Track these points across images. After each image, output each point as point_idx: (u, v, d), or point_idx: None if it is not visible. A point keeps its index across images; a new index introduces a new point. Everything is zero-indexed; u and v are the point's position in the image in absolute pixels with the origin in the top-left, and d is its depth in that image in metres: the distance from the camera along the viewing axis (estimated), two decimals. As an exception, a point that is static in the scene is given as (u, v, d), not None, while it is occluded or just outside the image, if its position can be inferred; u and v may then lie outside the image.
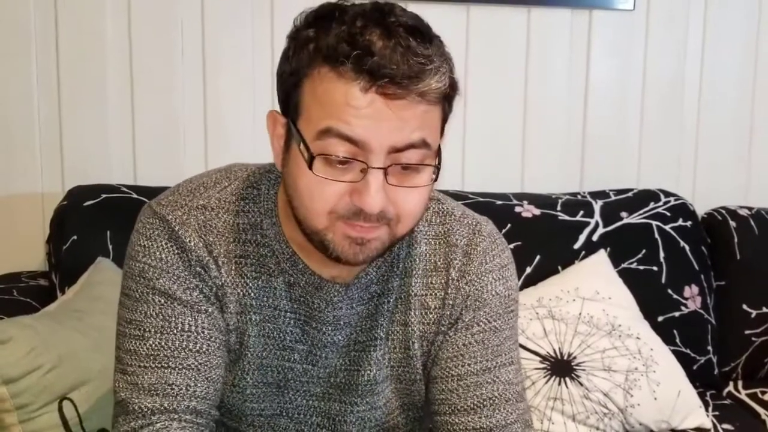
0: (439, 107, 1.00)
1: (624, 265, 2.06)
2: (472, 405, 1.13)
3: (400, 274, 1.15)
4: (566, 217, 2.10)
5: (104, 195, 1.97)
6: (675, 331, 2.06)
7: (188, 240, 1.08)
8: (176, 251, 1.08)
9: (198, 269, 1.08)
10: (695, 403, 1.89)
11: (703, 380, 2.07)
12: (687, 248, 2.11)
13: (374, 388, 1.17)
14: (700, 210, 2.26)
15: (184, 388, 1.07)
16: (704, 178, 2.39)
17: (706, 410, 1.93)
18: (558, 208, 2.12)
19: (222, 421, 1.20)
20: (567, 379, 1.83)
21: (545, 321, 1.89)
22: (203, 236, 1.09)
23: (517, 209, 2.10)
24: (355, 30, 0.94)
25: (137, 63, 2.13)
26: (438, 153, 1.01)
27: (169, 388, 1.06)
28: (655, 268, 2.08)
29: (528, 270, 2.04)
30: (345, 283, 1.12)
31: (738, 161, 2.40)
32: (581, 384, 1.82)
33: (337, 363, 1.16)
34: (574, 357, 1.85)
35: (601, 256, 2.05)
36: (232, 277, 1.10)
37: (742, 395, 2.08)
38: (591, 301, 1.92)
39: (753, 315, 2.13)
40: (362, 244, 1.01)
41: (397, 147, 0.96)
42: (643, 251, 2.09)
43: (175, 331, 1.07)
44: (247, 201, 1.12)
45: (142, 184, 2.07)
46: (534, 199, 2.14)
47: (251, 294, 1.11)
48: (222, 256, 1.09)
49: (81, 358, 1.51)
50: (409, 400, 1.21)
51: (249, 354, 1.13)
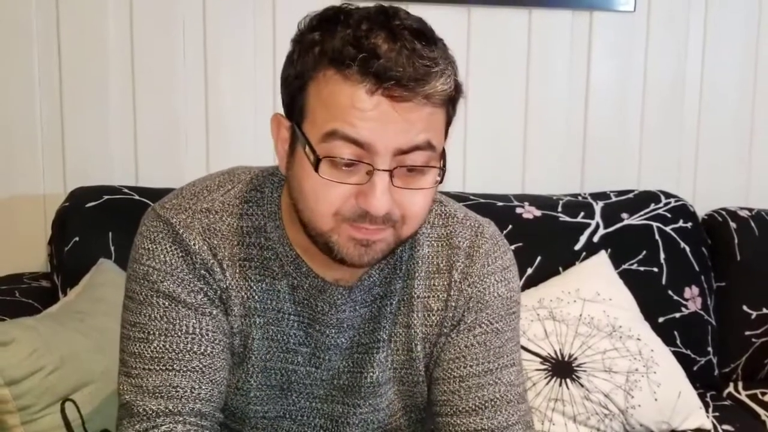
0: (444, 110, 1.00)
1: (624, 266, 2.07)
2: (474, 406, 1.13)
3: (403, 276, 1.15)
4: (567, 219, 2.10)
5: (106, 196, 1.97)
6: (675, 332, 2.06)
7: (192, 243, 1.08)
8: (180, 254, 1.08)
9: (202, 272, 1.08)
10: (695, 404, 1.89)
11: (704, 381, 2.07)
12: (687, 249, 2.11)
13: (377, 390, 1.17)
14: (701, 211, 2.26)
15: (189, 391, 1.06)
16: (705, 180, 2.39)
17: (707, 411, 1.93)
18: (559, 210, 2.12)
19: (225, 424, 1.19)
20: (568, 380, 1.83)
21: (546, 322, 1.89)
22: (207, 239, 1.09)
23: (518, 210, 2.10)
24: (361, 33, 0.95)
25: (139, 64, 2.13)
26: (443, 155, 1.02)
27: (174, 391, 1.06)
28: (656, 270, 2.08)
29: (529, 271, 2.04)
30: (348, 286, 1.12)
31: (738, 162, 2.40)
32: (582, 385, 1.82)
33: (340, 365, 1.16)
34: (575, 358, 1.85)
35: (602, 258, 2.05)
36: (236, 280, 1.10)
37: (743, 396, 2.08)
38: (592, 303, 1.92)
39: (753, 316, 2.13)
40: (367, 246, 1.00)
41: (403, 149, 0.96)
42: (644, 252, 2.09)
43: (180, 334, 1.07)
44: (251, 204, 1.11)
45: (144, 186, 2.08)
46: (535, 201, 2.14)
47: (255, 297, 1.11)
48: (226, 259, 1.09)
49: (83, 360, 1.51)
50: (412, 402, 1.21)
51: (253, 357, 1.13)
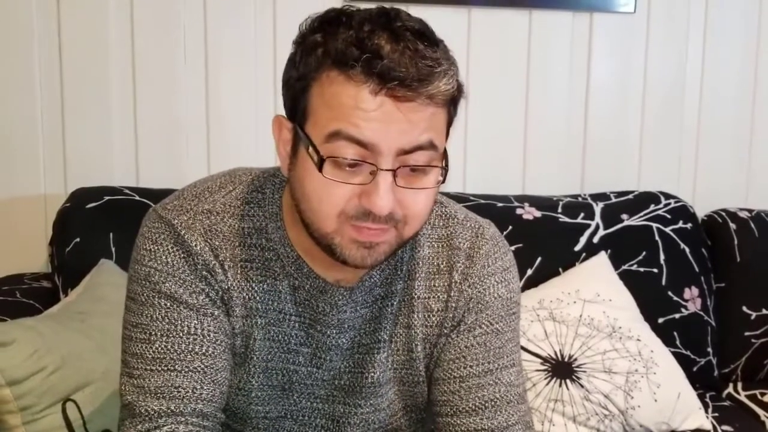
0: (446, 110, 1.01)
1: (624, 267, 2.07)
2: (474, 406, 1.13)
3: (404, 277, 1.15)
4: (567, 219, 2.11)
5: (107, 197, 1.98)
6: (675, 333, 2.06)
7: (194, 244, 1.08)
8: (182, 255, 1.08)
9: (204, 273, 1.09)
10: (695, 405, 1.89)
11: (703, 382, 2.07)
12: (687, 250, 2.12)
13: (378, 391, 1.18)
14: (701, 212, 2.27)
15: (191, 391, 1.07)
16: (705, 180, 2.39)
17: (706, 412, 1.93)
18: (559, 210, 2.12)
19: (227, 424, 1.20)
20: (568, 381, 1.83)
21: (546, 323, 1.89)
22: (209, 240, 1.09)
23: (518, 211, 2.10)
24: (363, 34, 0.95)
25: (140, 65, 2.14)
26: (444, 155, 1.02)
27: (176, 391, 1.06)
28: (656, 270, 2.08)
29: (529, 272, 2.04)
30: (349, 287, 1.12)
31: (738, 163, 2.40)
32: (582, 386, 1.82)
33: (342, 366, 1.16)
34: (575, 359, 1.85)
35: (602, 258, 2.05)
36: (238, 281, 1.10)
37: (742, 397, 2.08)
38: (591, 303, 1.93)
39: (753, 317, 2.13)
40: (370, 248, 1.01)
41: (406, 149, 0.97)
42: (644, 253, 2.09)
43: (181, 334, 1.07)
44: (252, 205, 1.12)
45: (145, 186, 2.08)
46: (535, 201, 2.15)
47: (257, 297, 1.11)
48: (228, 260, 1.10)
49: (84, 360, 1.51)
50: (412, 402, 1.21)
51: (254, 357, 1.14)
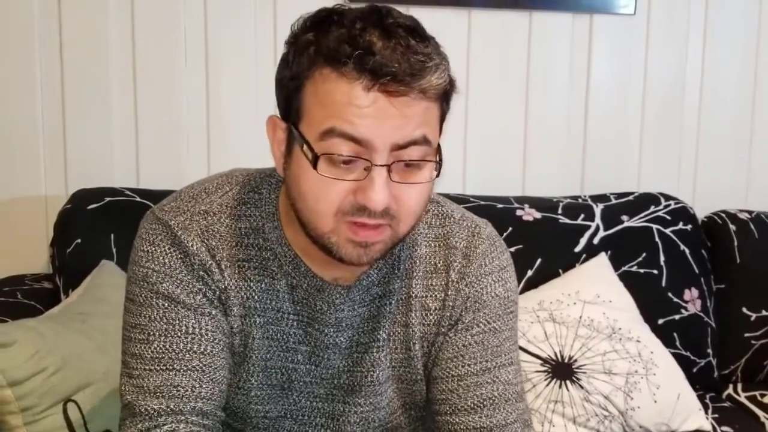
0: (438, 105, 1.01)
1: (624, 269, 2.07)
2: (473, 405, 1.14)
3: (401, 276, 1.16)
4: (567, 221, 2.11)
5: (107, 198, 1.98)
6: (675, 334, 2.06)
7: (191, 245, 1.09)
8: (179, 256, 1.09)
9: (201, 273, 1.09)
10: (695, 406, 1.89)
11: (703, 383, 2.08)
12: (687, 251, 2.12)
13: (377, 389, 1.18)
14: (700, 212, 2.27)
15: (190, 390, 1.07)
16: (704, 181, 2.39)
17: (706, 413, 1.93)
18: (559, 212, 2.12)
19: (228, 423, 1.20)
20: (567, 382, 1.83)
21: (546, 324, 1.90)
22: (205, 241, 1.10)
23: (518, 212, 2.10)
24: (355, 31, 0.96)
25: (140, 66, 2.14)
26: (438, 150, 1.03)
27: (175, 390, 1.07)
28: (656, 272, 2.08)
29: (529, 273, 2.04)
30: (346, 286, 1.13)
31: (738, 164, 2.41)
32: (582, 387, 1.83)
33: (340, 364, 1.17)
34: (575, 360, 1.86)
35: (602, 260, 2.06)
36: (235, 281, 1.11)
37: (742, 398, 2.08)
38: (591, 304, 1.93)
39: (753, 318, 2.13)
40: (366, 246, 1.01)
41: (400, 144, 0.97)
42: (644, 254, 2.09)
43: (179, 334, 1.08)
44: (249, 205, 1.12)
45: (145, 187, 2.08)
46: (535, 203, 2.15)
47: (254, 297, 1.12)
48: (224, 260, 1.10)
49: (85, 360, 1.52)
50: (411, 400, 1.22)
51: (253, 356, 1.14)
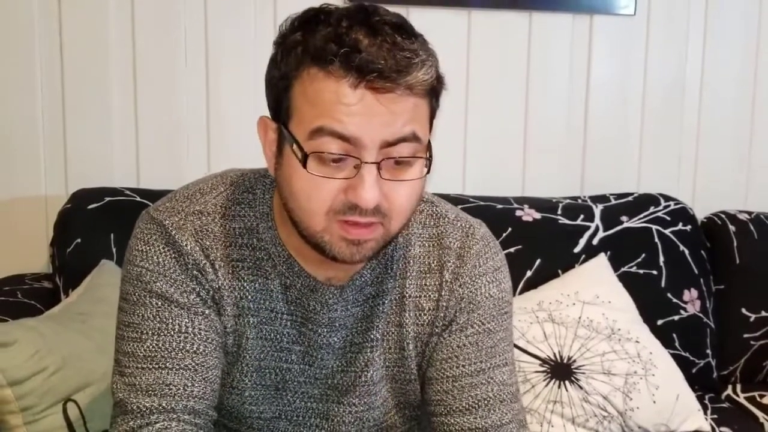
0: (427, 101, 1.01)
1: (624, 269, 2.07)
2: (468, 406, 1.14)
3: (394, 276, 1.16)
4: (567, 221, 2.11)
5: (107, 198, 1.98)
6: (674, 335, 2.06)
7: (185, 244, 1.09)
8: (173, 255, 1.09)
9: (195, 273, 1.10)
10: (694, 407, 1.89)
11: (702, 384, 2.07)
12: (686, 252, 2.12)
13: (371, 389, 1.19)
14: (700, 212, 2.27)
15: (182, 388, 1.08)
16: (704, 181, 2.39)
17: (705, 413, 1.93)
18: (558, 212, 2.12)
19: (223, 423, 1.21)
20: (566, 383, 1.83)
21: (545, 324, 1.90)
22: (199, 240, 1.10)
23: (518, 213, 2.11)
24: (342, 30, 0.96)
25: (140, 66, 2.14)
26: (428, 147, 1.03)
27: (167, 389, 1.07)
28: (655, 272, 2.08)
29: (528, 273, 2.05)
30: (340, 285, 1.13)
31: (738, 164, 2.41)
32: (581, 387, 1.83)
33: (334, 364, 1.17)
34: (574, 360, 1.86)
35: (601, 260, 2.06)
36: (229, 281, 1.11)
37: (741, 399, 2.08)
38: (591, 305, 1.93)
39: (752, 319, 2.13)
40: (358, 245, 1.02)
41: (389, 141, 0.97)
42: (643, 255, 2.09)
43: (173, 333, 1.09)
44: (243, 206, 1.13)
45: (145, 187, 2.09)
46: (534, 203, 2.15)
47: (248, 297, 1.12)
48: (218, 260, 1.11)
49: (85, 360, 1.52)
50: (405, 400, 1.22)
51: (247, 356, 1.15)
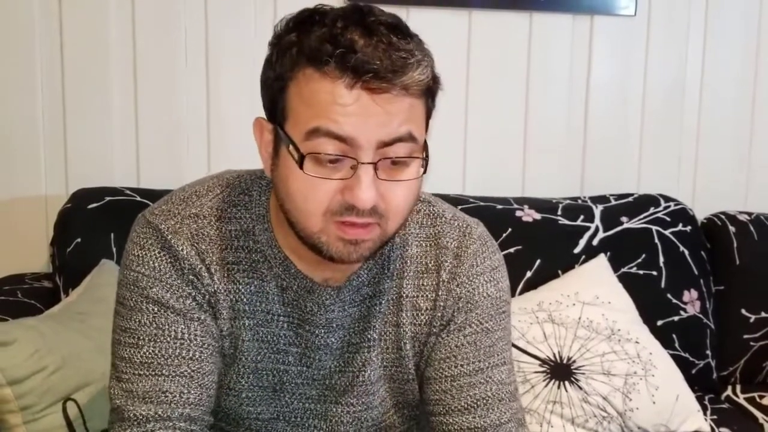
0: (423, 101, 1.01)
1: (624, 270, 2.07)
2: (466, 405, 1.14)
3: (391, 276, 1.16)
4: (567, 222, 2.11)
5: (108, 198, 1.99)
6: (674, 336, 2.06)
7: (180, 248, 1.10)
8: (169, 260, 1.10)
9: (190, 277, 1.10)
10: (694, 407, 1.89)
11: (702, 384, 2.08)
12: (686, 253, 2.12)
13: (369, 389, 1.19)
14: (700, 212, 2.27)
15: (178, 395, 1.08)
16: (704, 182, 2.39)
17: (705, 414, 1.93)
18: (558, 213, 2.13)
19: (221, 427, 1.21)
20: (566, 383, 1.84)
21: (545, 325, 1.90)
22: (195, 244, 1.10)
23: (518, 213, 2.11)
24: (337, 30, 0.96)
25: (140, 66, 2.15)
26: (425, 147, 1.03)
27: (163, 396, 1.08)
28: (655, 273, 2.08)
29: (528, 274, 2.05)
30: (336, 286, 1.13)
31: (738, 165, 2.41)
32: (580, 388, 1.83)
33: (332, 365, 1.17)
34: (574, 361, 1.86)
35: (601, 261, 2.06)
36: (224, 284, 1.11)
37: (741, 399, 2.09)
38: (591, 306, 1.93)
39: (752, 320, 2.14)
40: (356, 244, 1.02)
41: (385, 141, 0.97)
42: (643, 256, 2.09)
43: (169, 339, 1.09)
44: (239, 208, 1.13)
45: (146, 187, 2.09)
46: (534, 204, 2.15)
47: (244, 299, 1.12)
48: (214, 264, 1.11)
49: (84, 360, 1.52)
50: (403, 399, 1.22)
51: (243, 358, 1.15)
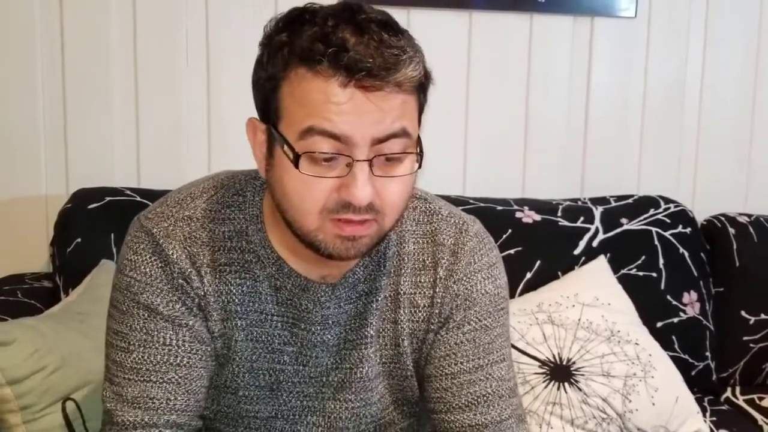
0: (415, 97, 1.02)
1: (623, 271, 2.07)
2: (467, 402, 1.15)
3: (388, 273, 1.16)
4: (567, 223, 2.11)
5: (108, 198, 1.99)
6: (674, 337, 2.06)
7: (171, 252, 1.11)
8: (160, 265, 1.11)
9: (180, 281, 1.11)
10: (693, 409, 1.89)
11: (701, 386, 2.08)
12: (686, 255, 2.12)
13: (367, 385, 1.19)
14: (700, 214, 2.27)
15: (165, 402, 1.10)
16: (704, 183, 2.39)
17: (704, 416, 1.93)
18: (558, 214, 2.13)
19: (219, 429, 1.22)
20: (566, 384, 1.84)
21: (545, 326, 1.90)
22: (187, 247, 1.11)
23: (518, 215, 2.11)
24: (328, 29, 0.96)
25: (141, 66, 2.15)
26: (419, 142, 1.03)
27: (150, 402, 1.10)
28: (655, 275, 2.08)
29: (528, 275, 2.05)
30: (332, 284, 1.14)
31: (738, 166, 2.41)
32: (580, 389, 1.83)
33: (328, 362, 1.18)
34: (573, 362, 1.86)
35: (601, 262, 2.06)
36: (215, 285, 1.12)
37: (740, 401, 2.09)
38: (590, 307, 1.93)
39: (751, 321, 2.13)
40: (353, 240, 1.02)
41: (380, 138, 0.98)
42: (643, 257, 2.09)
43: (157, 345, 1.11)
44: (233, 209, 1.13)
45: (146, 187, 2.09)
46: (535, 205, 2.15)
47: (235, 300, 1.13)
48: (205, 266, 1.12)
49: (84, 359, 1.52)
50: (402, 396, 1.22)
51: (237, 358, 1.16)
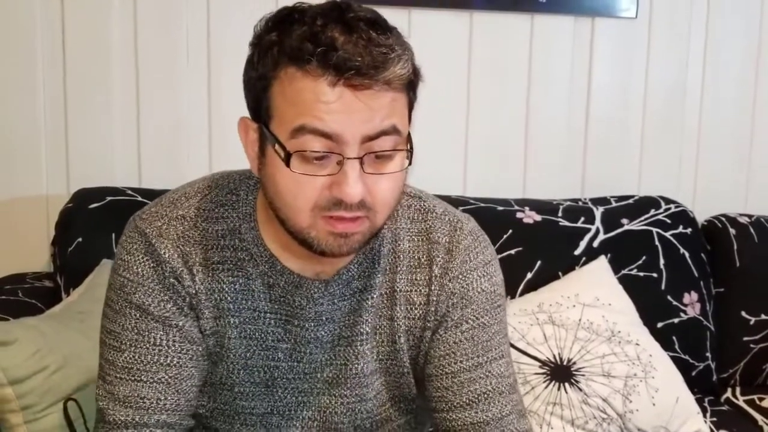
0: (405, 94, 1.02)
1: (624, 272, 2.07)
2: (468, 401, 1.16)
3: (383, 270, 1.17)
4: (567, 224, 2.11)
5: (109, 197, 1.99)
6: (674, 338, 2.07)
7: (163, 252, 1.12)
8: (152, 265, 1.12)
9: (171, 281, 1.12)
10: (693, 409, 1.89)
11: (702, 386, 2.08)
12: (687, 255, 2.12)
13: (363, 381, 1.20)
14: (701, 214, 2.27)
15: (155, 402, 1.12)
16: (705, 184, 2.40)
17: (704, 416, 1.93)
18: (559, 214, 2.13)
19: (215, 427, 1.22)
20: (566, 385, 1.84)
21: (545, 326, 1.90)
22: (180, 246, 1.12)
23: (519, 215, 2.11)
24: (317, 28, 0.97)
25: (142, 65, 2.15)
26: (409, 139, 1.04)
27: (141, 402, 1.12)
28: (655, 275, 2.09)
29: (529, 275, 2.05)
30: (325, 280, 1.14)
31: (738, 167, 2.41)
32: (580, 389, 1.83)
33: (323, 358, 1.18)
34: (574, 362, 1.86)
35: (602, 263, 2.06)
36: (208, 284, 1.13)
37: (740, 402, 2.09)
38: (591, 307, 1.93)
39: (752, 322, 2.14)
40: (346, 237, 1.03)
41: (370, 135, 0.98)
42: (643, 258, 2.09)
43: (148, 345, 1.12)
44: (226, 207, 1.15)
45: (147, 187, 2.09)
46: (535, 205, 2.15)
47: (228, 298, 1.14)
48: (197, 265, 1.13)
49: (85, 359, 1.52)
50: (399, 393, 1.23)
51: (231, 355, 1.17)
